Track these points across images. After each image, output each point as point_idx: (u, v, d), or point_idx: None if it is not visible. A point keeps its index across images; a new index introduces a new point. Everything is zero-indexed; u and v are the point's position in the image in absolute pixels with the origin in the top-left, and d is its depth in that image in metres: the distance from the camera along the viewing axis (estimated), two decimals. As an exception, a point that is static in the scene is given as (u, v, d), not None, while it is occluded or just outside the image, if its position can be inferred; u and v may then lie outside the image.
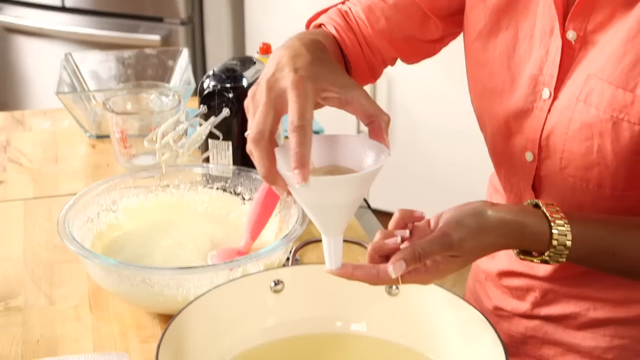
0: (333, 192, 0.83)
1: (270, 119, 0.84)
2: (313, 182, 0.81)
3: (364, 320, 1.01)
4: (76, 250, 1.10)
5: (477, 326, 0.90)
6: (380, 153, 0.85)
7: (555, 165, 1.02)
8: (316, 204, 0.84)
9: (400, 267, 0.84)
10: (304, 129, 0.81)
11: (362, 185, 0.83)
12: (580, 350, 1.12)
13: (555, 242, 0.93)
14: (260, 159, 0.84)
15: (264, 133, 0.84)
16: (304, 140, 0.81)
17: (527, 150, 1.04)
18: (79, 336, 1.13)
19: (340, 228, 0.86)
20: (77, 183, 1.56)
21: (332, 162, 0.88)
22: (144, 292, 1.09)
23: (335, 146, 0.88)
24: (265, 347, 0.99)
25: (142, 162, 1.56)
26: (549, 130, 1.01)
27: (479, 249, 0.89)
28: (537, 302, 1.15)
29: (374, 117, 0.87)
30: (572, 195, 1.02)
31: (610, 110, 0.94)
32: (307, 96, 0.83)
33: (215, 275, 1.08)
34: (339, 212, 0.85)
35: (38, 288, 1.23)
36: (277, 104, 0.84)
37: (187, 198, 1.34)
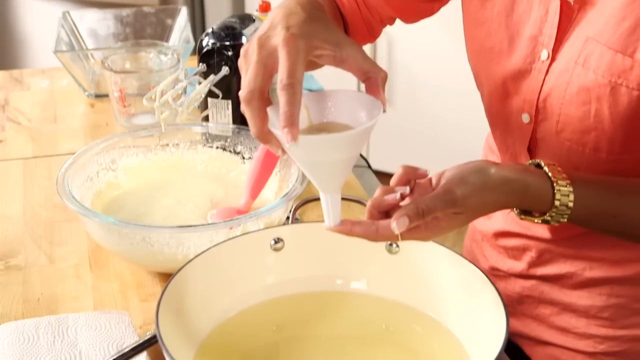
0: (324, 151, 0.82)
1: (261, 78, 0.83)
2: (302, 141, 0.80)
3: (364, 279, 1.01)
4: (76, 209, 1.10)
5: (477, 284, 0.90)
6: (374, 111, 0.84)
7: (552, 128, 1.01)
8: (309, 162, 0.84)
9: (404, 223, 0.83)
10: (293, 87, 0.80)
11: (354, 143, 0.82)
12: (576, 310, 1.13)
13: (557, 202, 0.92)
14: (252, 118, 0.83)
15: (254, 92, 0.83)
16: (293, 98, 0.80)
17: (524, 112, 1.04)
18: (80, 294, 1.13)
19: (336, 185, 0.85)
20: (76, 142, 1.55)
21: (329, 119, 0.87)
22: (143, 250, 1.09)
23: (332, 102, 0.87)
24: (265, 305, 0.99)
25: (141, 121, 1.56)
26: (546, 93, 1.00)
27: (481, 206, 0.88)
28: (533, 262, 1.15)
29: (370, 73, 0.85)
30: (568, 158, 1.01)
31: (609, 75, 0.93)
32: (298, 54, 0.82)
33: (215, 234, 1.08)
34: (334, 170, 0.84)
35: (38, 247, 1.23)
36: (268, 62, 0.84)
37: (186, 157, 1.34)
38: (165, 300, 0.86)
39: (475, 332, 0.90)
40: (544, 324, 1.17)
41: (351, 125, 0.85)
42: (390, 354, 0.94)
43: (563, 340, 1.15)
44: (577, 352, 1.14)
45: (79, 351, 0.96)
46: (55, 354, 0.96)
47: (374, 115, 0.83)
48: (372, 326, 0.97)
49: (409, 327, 0.97)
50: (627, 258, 1.09)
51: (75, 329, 0.99)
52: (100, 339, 0.98)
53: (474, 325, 0.91)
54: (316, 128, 0.86)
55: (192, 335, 0.92)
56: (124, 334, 0.99)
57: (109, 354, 0.96)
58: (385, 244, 0.99)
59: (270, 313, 0.98)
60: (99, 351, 0.96)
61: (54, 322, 1.00)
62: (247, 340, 0.95)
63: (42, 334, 0.98)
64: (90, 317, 1.01)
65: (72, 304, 1.11)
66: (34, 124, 1.64)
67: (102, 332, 0.99)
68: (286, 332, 0.97)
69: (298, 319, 0.98)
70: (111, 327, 1.00)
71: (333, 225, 0.87)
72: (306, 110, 0.87)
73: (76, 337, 0.98)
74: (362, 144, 0.83)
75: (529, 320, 1.19)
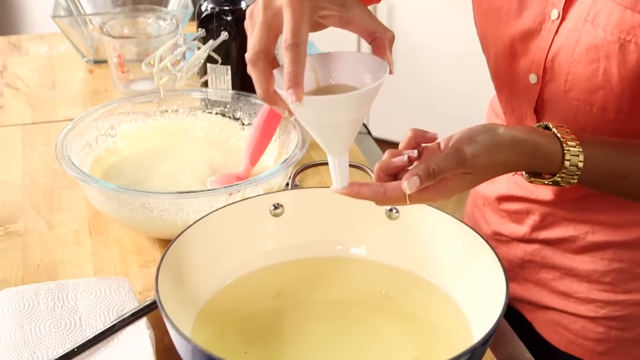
0: (329, 111, 0.81)
1: (266, 39, 0.83)
2: (307, 101, 0.79)
3: (364, 244, 1.01)
4: (75, 175, 1.10)
5: (477, 249, 0.91)
6: (380, 71, 0.83)
7: (559, 88, 1.01)
8: (315, 123, 0.83)
9: (415, 183, 0.82)
10: (298, 46, 0.80)
11: (359, 104, 0.82)
12: (578, 274, 1.13)
13: (567, 162, 0.92)
14: (257, 79, 0.83)
15: (259, 54, 0.82)
16: (297, 58, 0.79)
17: (531, 72, 1.03)
18: (79, 261, 1.13)
19: (343, 147, 0.85)
20: (75, 108, 1.55)
21: (336, 80, 0.87)
22: (143, 216, 1.09)
23: (339, 64, 0.87)
24: (265, 270, 0.99)
25: (140, 87, 1.55)
26: (554, 52, 1.00)
27: (491, 166, 0.88)
28: (535, 226, 1.15)
29: (376, 33, 0.85)
30: (575, 118, 1.01)
31: (618, 32, 0.93)
32: (303, 14, 0.81)
33: (214, 199, 1.08)
34: (340, 131, 0.83)
35: (37, 213, 1.23)
36: (273, 23, 0.83)
37: (185, 123, 1.34)
38: (164, 266, 0.86)
39: (474, 298, 0.91)
40: (545, 288, 1.17)
41: (358, 86, 0.84)
42: (389, 319, 0.94)
43: (564, 305, 1.16)
44: (578, 316, 1.15)
45: (79, 317, 0.97)
46: (56, 320, 0.96)
47: (380, 76, 0.82)
48: (372, 291, 0.98)
49: (408, 292, 0.97)
50: (629, 221, 1.09)
51: (75, 295, 1.00)
52: (100, 305, 0.98)
53: (474, 291, 0.91)
54: (323, 90, 0.86)
55: (192, 301, 0.92)
56: (123, 299, 0.99)
57: (109, 319, 0.96)
58: (385, 209, 0.99)
59: (269, 279, 0.99)
60: (99, 317, 0.97)
61: (53, 288, 1.00)
62: (247, 305, 0.95)
63: (42, 299, 0.99)
64: (90, 283, 1.02)
65: (71, 270, 1.11)
66: (33, 90, 1.64)
67: (102, 298, 0.99)
68: (286, 297, 0.97)
69: (297, 285, 0.98)
70: (111, 293, 1.00)
71: (341, 187, 0.86)
72: (314, 72, 0.86)
73: (76, 302, 0.99)
74: (367, 105, 0.83)
75: (531, 285, 1.19)
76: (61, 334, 0.94)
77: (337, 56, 0.87)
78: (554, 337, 1.19)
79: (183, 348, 0.78)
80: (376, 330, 0.92)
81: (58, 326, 0.95)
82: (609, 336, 1.14)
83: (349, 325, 0.93)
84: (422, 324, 0.93)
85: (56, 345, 0.93)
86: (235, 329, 0.92)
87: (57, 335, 0.94)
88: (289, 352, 0.89)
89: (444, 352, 0.77)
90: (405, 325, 0.93)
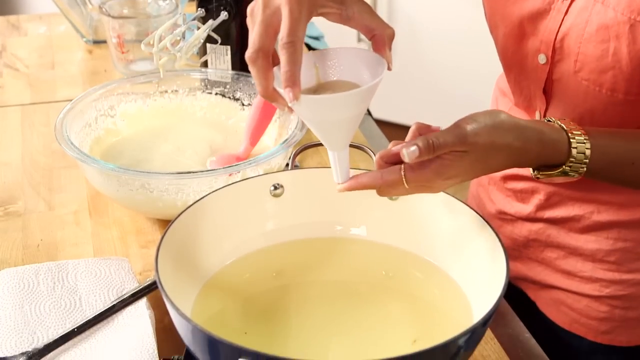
0: (327, 110, 0.83)
1: (265, 37, 0.84)
2: (305, 100, 0.81)
3: (364, 225, 1.01)
4: (74, 155, 1.10)
5: (477, 229, 0.91)
6: (379, 68, 0.85)
7: (569, 68, 1.01)
8: (314, 121, 0.84)
9: (414, 153, 0.82)
10: (294, 45, 0.80)
11: (356, 102, 0.83)
12: (582, 253, 1.13)
13: (574, 150, 0.91)
14: (257, 77, 0.84)
15: (258, 52, 0.83)
16: (293, 57, 0.80)
17: (540, 52, 1.03)
18: (79, 241, 1.14)
19: (343, 143, 0.86)
20: (74, 89, 1.55)
21: (337, 77, 0.88)
22: (143, 197, 1.09)
23: (340, 60, 0.88)
24: (265, 251, 0.99)
25: (139, 67, 1.55)
26: (564, 32, 1.00)
27: (491, 147, 0.86)
28: (541, 205, 1.15)
29: (376, 30, 0.86)
30: (584, 99, 1.01)
31: (629, 12, 0.93)
32: (301, 12, 0.82)
33: (214, 180, 1.08)
34: (339, 128, 0.85)
35: (37, 193, 1.24)
36: (272, 21, 0.84)
37: (185, 103, 1.34)
38: (164, 246, 0.87)
39: (475, 278, 0.91)
40: (549, 267, 1.18)
41: (357, 82, 0.86)
42: (389, 300, 0.94)
43: (568, 284, 1.16)
44: (582, 295, 1.15)
45: (79, 297, 0.97)
46: (56, 300, 0.96)
47: (378, 73, 0.83)
48: (372, 272, 0.98)
49: (408, 273, 0.97)
50: (634, 201, 1.09)
51: (75, 275, 1.00)
52: (100, 285, 0.99)
53: (474, 271, 0.91)
54: (324, 86, 0.87)
55: (192, 282, 0.92)
56: (123, 280, 1.00)
57: (109, 299, 0.97)
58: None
59: (269, 259, 0.99)
60: (99, 297, 0.97)
61: (53, 268, 1.01)
62: (247, 286, 0.96)
63: (42, 279, 0.99)
64: (90, 263, 1.02)
65: (71, 251, 1.11)
66: (32, 70, 1.64)
67: (101, 278, 1.00)
68: (286, 278, 0.97)
69: (297, 266, 0.99)
70: (111, 274, 1.00)
71: (341, 181, 0.87)
72: (315, 69, 0.88)
73: (76, 283, 0.99)
74: (365, 103, 0.84)
75: (535, 264, 1.19)
76: (61, 314, 0.95)
77: (338, 52, 0.88)
78: (557, 316, 1.19)
79: (183, 328, 0.79)
80: (376, 310, 0.93)
81: (58, 306, 0.96)
82: (613, 315, 1.14)
83: (349, 305, 0.93)
84: (422, 304, 0.94)
85: (56, 325, 0.93)
86: (235, 309, 0.93)
87: (57, 315, 0.95)
88: (289, 332, 0.89)
89: (444, 333, 0.78)
90: (406, 306, 0.94)
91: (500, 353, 0.97)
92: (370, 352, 0.86)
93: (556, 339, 1.19)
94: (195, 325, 0.75)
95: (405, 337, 0.88)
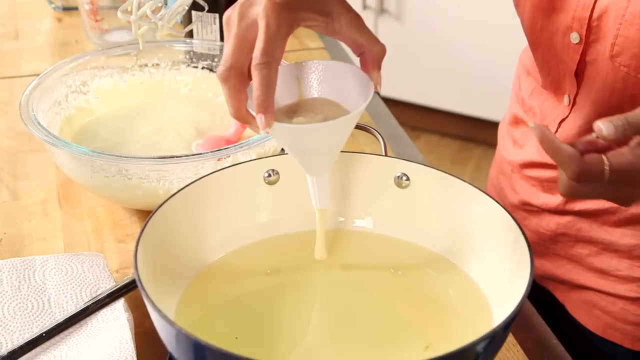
0: (305, 139, 0.84)
1: (238, 53, 0.84)
2: (279, 128, 0.82)
3: (370, 216, 1.02)
4: (42, 137, 1.10)
5: (498, 222, 0.91)
6: (365, 91, 0.86)
7: (605, 51, 1.01)
8: (291, 147, 0.87)
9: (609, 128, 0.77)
10: (269, 66, 0.80)
11: (339, 131, 0.84)
12: (618, 249, 1.14)
13: None
14: (229, 98, 0.85)
15: (231, 70, 0.84)
16: (267, 80, 0.80)
17: (573, 30, 1.03)
18: (48, 235, 1.14)
19: (322, 169, 0.89)
20: (41, 62, 1.55)
21: (320, 93, 0.89)
22: (120, 184, 1.10)
23: (324, 75, 0.89)
24: (258, 245, 1.00)
25: (115, 38, 1.56)
26: (601, 10, 1.00)
27: None
28: (571, 196, 1.15)
29: (364, 48, 0.87)
30: (623, 86, 1.01)
31: None
32: (279, 28, 0.81)
33: (201, 166, 1.08)
34: (319, 156, 0.87)
35: (0, 181, 1.24)
36: (247, 35, 0.84)
37: (168, 79, 1.34)
38: (144, 240, 0.87)
39: (495, 276, 0.91)
40: (580, 265, 1.18)
41: (341, 103, 0.87)
42: (399, 301, 0.95)
43: (602, 284, 1.16)
44: (617, 297, 1.15)
45: (47, 297, 0.98)
46: (21, 301, 0.97)
47: (365, 96, 0.85)
48: (379, 270, 0.98)
49: (420, 270, 0.98)
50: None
51: (44, 273, 1.01)
52: (71, 284, 0.99)
53: (494, 269, 0.92)
54: (304, 105, 0.88)
55: (176, 280, 0.93)
56: (98, 278, 1.00)
57: (82, 300, 0.97)
58: (395, 175, 0.99)
59: (263, 254, 0.99)
60: (70, 298, 0.98)
61: (18, 265, 1.01)
62: (237, 284, 0.96)
63: (5, 278, 1.00)
64: (60, 259, 1.03)
65: (39, 245, 1.12)
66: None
67: (73, 276, 1.00)
68: (281, 276, 0.98)
69: (294, 262, 0.99)
70: (84, 271, 1.01)
71: (320, 207, 0.91)
72: (297, 82, 0.89)
73: (44, 282, 1.00)
74: (349, 130, 0.86)
75: (564, 262, 1.20)
76: (27, 317, 0.95)
77: (323, 66, 0.89)
78: (589, 321, 1.20)
79: (166, 332, 0.79)
80: (384, 313, 0.93)
81: (24, 308, 0.96)
82: (653, 320, 1.15)
83: (353, 307, 0.94)
84: (436, 305, 0.94)
85: (22, 329, 0.94)
86: (224, 311, 0.93)
87: (22, 318, 0.95)
88: (285, 337, 0.90)
89: (460, 338, 0.78)
90: (417, 308, 0.94)
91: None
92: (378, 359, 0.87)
93: (588, 346, 1.20)
94: (180, 330, 0.75)
95: (417, 343, 0.89)
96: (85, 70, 1.28)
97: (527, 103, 1.22)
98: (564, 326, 1.16)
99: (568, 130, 1.11)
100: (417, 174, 0.98)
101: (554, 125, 1.14)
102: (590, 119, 1.06)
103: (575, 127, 1.10)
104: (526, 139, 1.23)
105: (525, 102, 1.23)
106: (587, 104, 1.06)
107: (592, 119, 1.06)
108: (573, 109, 1.10)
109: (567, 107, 1.11)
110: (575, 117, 1.10)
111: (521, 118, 1.24)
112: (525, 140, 1.23)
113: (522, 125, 1.24)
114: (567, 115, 1.11)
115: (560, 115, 1.13)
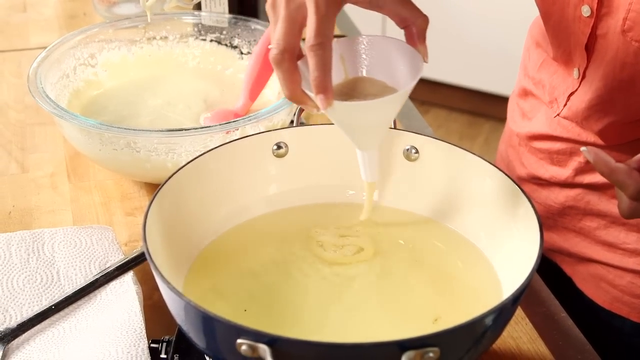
0: (361, 115, 0.86)
1: (290, 35, 0.84)
2: (338, 107, 0.83)
3: (378, 189, 1.01)
4: (50, 110, 1.10)
5: (508, 195, 0.91)
6: (414, 64, 0.87)
7: (616, 26, 1.00)
8: (345, 125, 0.88)
9: None
10: (323, 46, 0.81)
11: (394, 105, 0.86)
12: (626, 222, 1.13)
13: None
14: (283, 80, 0.85)
15: (284, 53, 0.83)
16: (323, 61, 0.81)
17: (584, 3, 1.02)
18: (56, 207, 1.14)
19: (374, 144, 0.90)
20: (49, 34, 1.55)
21: (367, 71, 0.90)
22: (128, 157, 1.10)
23: (369, 51, 0.90)
24: (267, 218, 1.00)
25: (123, 10, 1.55)
26: None
27: None
28: (580, 169, 1.15)
29: (408, 21, 0.87)
30: (634, 62, 1.00)
31: None
32: (328, 7, 0.82)
33: (209, 138, 1.08)
34: (371, 131, 0.89)
35: (8, 153, 1.24)
36: (297, 17, 0.84)
37: (176, 52, 1.34)
38: (153, 213, 0.87)
39: (504, 249, 0.91)
40: (588, 238, 1.18)
41: (389, 81, 0.89)
42: (407, 274, 0.95)
43: (610, 258, 1.16)
44: (625, 270, 1.15)
45: (56, 270, 0.98)
46: (30, 273, 0.97)
47: (414, 73, 0.86)
48: (388, 242, 0.98)
49: (429, 243, 0.98)
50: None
51: (52, 246, 1.01)
52: (80, 257, 0.99)
53: (503, 242, 0.92)
54: (352, 83, 0.90)
55: (185, 252, 0.93)
56: (107, 251, 1.00)
57: (90, 273, 0.97)
58: (403, 148, 0.99)
59: (272, 227, 0.99)
60: (79, 270, 0.98)
61: (28, 238, 1.01)
62: (247, 257, 0.96)
63: (14, 250, 1.00)
64: (69, 232, 1.03)
65: (48, 218, 1.12)
66: (0, 13, 1.63)
67: (82, 249, 1.00)
68: (290, 248, 0.97)
69: (304, 234, 0.99)
70: (93, 244, 1.01)
71: (370, 180, 0.92)
72: (342, 61, 0.90)
73: (53, 254, 1.00)
74: (399, 105, 0.87)
75: (572, 235, 1.20)
76: (36, 290, 0.96)
77: (367, 42, 0.90)
78: (596, 294, 1.19)
79: (175, 305, 0.79)
80: (392, 285, 0.93)
81: (33, 281, 0.97)
82: (661, 294, 1.14)
83: (361, 280, 0.94)
84: (445, 278, 0.94)
85: (31, 302, 0.94)
86: (233, 283, 0.93)
87: (32, 291, 0.96)
88: (294, 309, 0.90)
89: (469, 311, 0.78)
90: (425, 280, 0.94)
91: (532, 334, 0.98)
92: (386, 332, 0.86)
93: (595, 319, 1.20)
94: (188, 302, 0.75)
95: (426, 316, 0.89)
96: (93, 43, 1.28)
97: (536, 76, 1.21)
98: (571, 300, 1.16)
99: (577, 104, 1.10)
100: (426, 147, 0.98)
101: (563, 98, 1.13)
102: (600, 93, 1.06)
103: (585, 100, 1.09)
104: (535, 111, 1.22)
105: (534, 75, 1.22)
106: (596, 78, 1.05)
107: (601, 93, 1.05)
108: (582, 83, 1.09)
109: (576, 80, 1.10)
110: (585, 91, 1.09)
111: (530, 90, 1.23)
112: (534, 112, 1.22)
113: (531, 97, 1.24)
114: (577, 89, 1.10)
115: (570, 88, 1.12)
